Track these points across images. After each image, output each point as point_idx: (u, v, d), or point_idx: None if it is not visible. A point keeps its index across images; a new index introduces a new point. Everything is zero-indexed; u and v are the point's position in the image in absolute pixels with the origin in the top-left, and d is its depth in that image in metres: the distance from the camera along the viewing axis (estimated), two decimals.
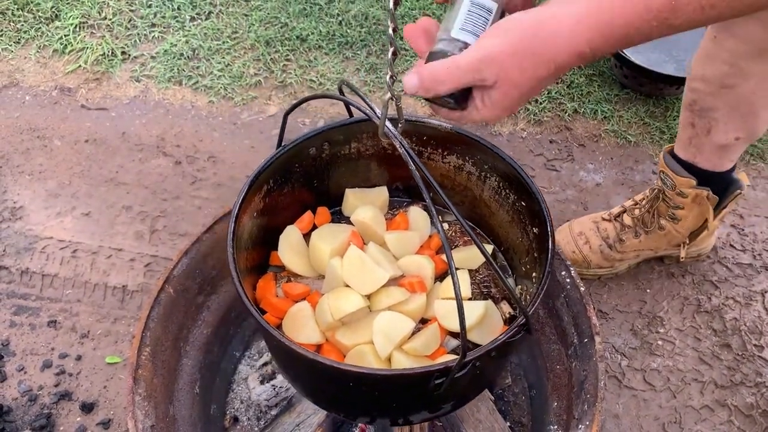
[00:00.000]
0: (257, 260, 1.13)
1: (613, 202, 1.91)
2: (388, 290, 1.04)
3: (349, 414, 1.09)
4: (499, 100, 0.78)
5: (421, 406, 0.98)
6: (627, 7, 0.69)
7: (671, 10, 0.68)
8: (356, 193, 1.21)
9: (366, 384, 0.89)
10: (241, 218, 1.02)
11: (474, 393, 1.08)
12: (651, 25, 0.69)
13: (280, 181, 1.12)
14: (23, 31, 2.31)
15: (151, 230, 1.83)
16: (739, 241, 1.83)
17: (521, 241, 1.10)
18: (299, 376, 1.05)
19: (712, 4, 0.67)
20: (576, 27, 0.72)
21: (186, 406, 1.32)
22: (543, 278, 0.92)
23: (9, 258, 1.76)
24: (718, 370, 1.60)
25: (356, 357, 1.00)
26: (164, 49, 2.25)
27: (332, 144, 1.15)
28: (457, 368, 0.81)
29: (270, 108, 2.12)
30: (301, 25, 2.32)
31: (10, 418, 1.49)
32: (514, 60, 0.74)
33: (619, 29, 0.70)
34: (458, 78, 0.76)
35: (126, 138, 2.04)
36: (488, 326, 1.04)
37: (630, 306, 1.70)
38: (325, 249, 1.09)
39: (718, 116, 1.39)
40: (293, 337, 1.03)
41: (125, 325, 1.65)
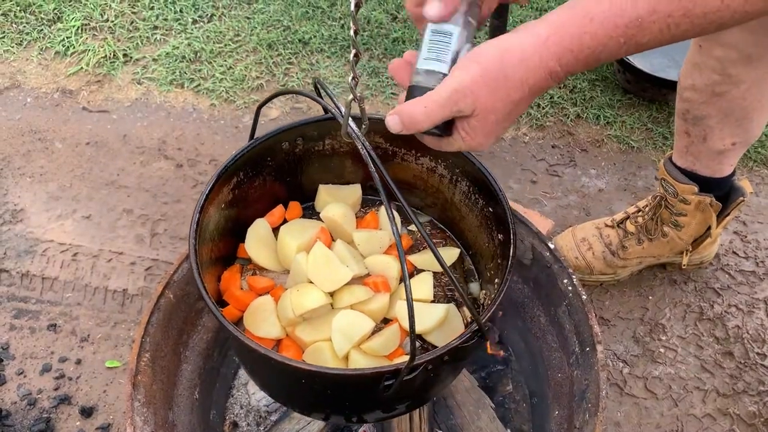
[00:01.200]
0: (224, 251, 1.13)
1: (616, 207, 1.90)
2: (352, 288, 1.04)
3: (304, 410, 1.10)
4: (480, 127, 0.81)
5: (373, 406, 0.99)
6: (595, 25, 0.71)
7: (638, 27, 0.70)
8: (329, 189, 1.21)
9: (317, 382, 0.89)
10: (207, 209, 1.02)
11: (430, 394, 1.08)
12: (619, 42, 0.71)
13: (250, 174, 1.11)
14: (25, 32, 2.31)
15: (151, 234, 1.82)
16: (742, 248, 1.82)
17: (488, 247, 1.10)
18: (255, 370, 1.06)
19: (676, 23, 0.69)
20: (543, 47, 0.74)
21: (185, 412, 1.31)
22: (501, 285, 0.92)
23: (9, 261, 1.75)
24: (720, 378, 1.59)
25: (314, 354, 1.00)
26: (166, 52, 2.25)
27: (306, 139, 1.15)
28: (406, 371, 0.81)
29: (272, 111, 2.12)
30: (304, 29, 2.32)
31: (9, 422, 1.49)
32: (486, 88, 0.77)
33: (587, 47, 0.72)
34: (436, 113, 0.79)
35: (127, 141, 2.04)
36: (448, 329, 1.04)
37: (632, 313, 1.69)
38: (292, 244, 1.09)
39: (712, 123, 1.39)
40: (253, 331, 1.03)
41: (125, 329, 1.64)
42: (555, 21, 0.75)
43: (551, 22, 0.75)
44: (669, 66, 2.11)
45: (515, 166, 2.00)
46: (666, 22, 0.69)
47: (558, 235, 1.75)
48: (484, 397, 1.38)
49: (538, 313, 1.39)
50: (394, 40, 2.29)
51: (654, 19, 0.69)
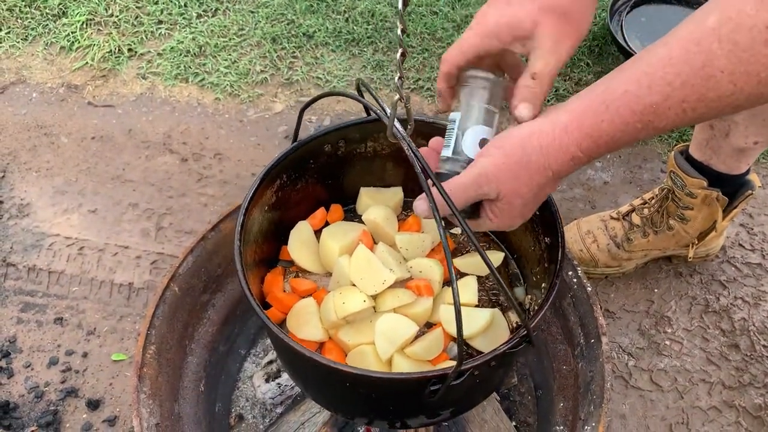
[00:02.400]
0: (267, 254, 1.13)
1: (621, 200, 1.90)
2: (394, 292, 1.03)
3: (347, 414, 1.09)
4: (507, 210, 0.83)
5: (418, 411, 0.98)
6: (611, 112, 0.73)
7: (653, 114, 0.71)
8: (370, 192, 1.21)
9: (362, 385, 0.89)
10: (251, 211, 1.02)
11: (474, 401, 1.07)
12: (636, 127, 0.72)
13: (293, 177, 1.12)
14: (30, 28, 2.32)
15: (157, 228, 1.83)
16: (748, 241, 1.81)
17: (533, 250, 1.09)
18: (299, 373, 1.05)
19: (692, 108, 0.69)
20: (563, 133, 0.76)
21: (191, 404, 1.32)
22: (549, 289, 0.91)
23: (16, 255, 1.76)
24: (726, 370, 1.59)
25: (357, 357, 0.99)
26: (171, 46, 2.25)
27: (348, 142, 1.15)
28: (453, 376, 0.80)
29: (276, 105, 2.12)
30: (308, 22, 2.31)
31: (17, 414, 1.50)
32: (509, 173, 0.79)
33: (606, 133, 0.74)
34: (461, 197, 0.82)
35: (132, 135, 2.04)
36: (493, 334, 1.03)
37: (637, 305, 1.69)
38: (334, 247, 1.09)
39: (738, 119, 1.37)
40: (296, 333, 1.03)
41: (131, 323, 1.65)
42: (574, 108, 0.76)
43: (571, 109, 0.77)
44: None
45: None
46: (681, 107, 0.69)
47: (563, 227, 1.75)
48: None
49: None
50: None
51: (669, 105, 0.70)
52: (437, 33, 2.28)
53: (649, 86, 0.70)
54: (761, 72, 0.64)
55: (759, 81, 0.65)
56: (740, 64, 0.65)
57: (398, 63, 0.80)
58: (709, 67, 0.66)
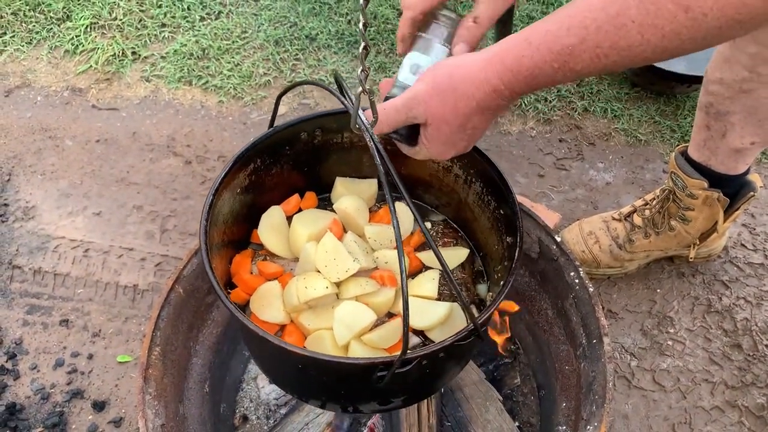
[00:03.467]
0: (237, 236, 1.14)
1: (624, 201, 1.90)
2: (358, 280, 1.05)
3: (302, 395, 1.11)
4: (436, 136, 0.89)
5: (369, 397, 1.00)
6: (532, 49, 0.78)
7: (569, 54, 0.75)
8: (345, 182, 1.22)
9: (312, 367, 0.91)
10: (221, 193, 1.03)
11: (427, 390, 1.08)
12: (553, 67, 0.77)
13: (268, 161, 1.13)
14: (35, 31, 2.33)
15: (161, 230, 1.84)
16: (750, 241, 1.82)
17: (497, 249, 1.11)
18: (257, 354, 1.08)
19: (605, 54, 0.73)
20: (486, 66, 0.82)
21: (196, 405, 1.33)
22: (503, 287, 0.93)
23: (22, 257, 1.78)
24: (729, 370, 1.59)
25: (315, 341, 1.01)
26: (174, 49, 2.26)
27: (325, 131, 1.16)
28: (398, 364, 0.82)
29: (280, 108, 2.13)
30: (311, 25, 2.32)
31: (23, 416, 1.51)
32: (436, 98, 0.85)
33: (525, 68, 0.79)
34: (394, 117, 0.89)
35: (136, 138, 2.06)
36: (451, 328, 1.05)
37: (640, 306, 1.70)
38: (303, 233, 1.10)
39: (734, 120, 1.38)
40: (259, 315, 1.05)
41: (136, 324, 1.66)
42: (502, 43, 0.82)
43: (499, 44, 0.83)
44: (677, 59, 2.10)
45: (522, 160, 2.01)
46: (595, 52, 0.74)
47: (565, 228, 1.76)
48: (492, 390, 1.39)
49: (545, 306, 1.40)
50: None
51: (584, 48, 0.74)
52: None
53: (568, 28, 0.74)
54: (665, 26, 0.68)
55: (663, 35, 0.69)
56: (648, 16, 0.68)
57: (361, 57, 0.82)
58: (622, 16, 0.70)
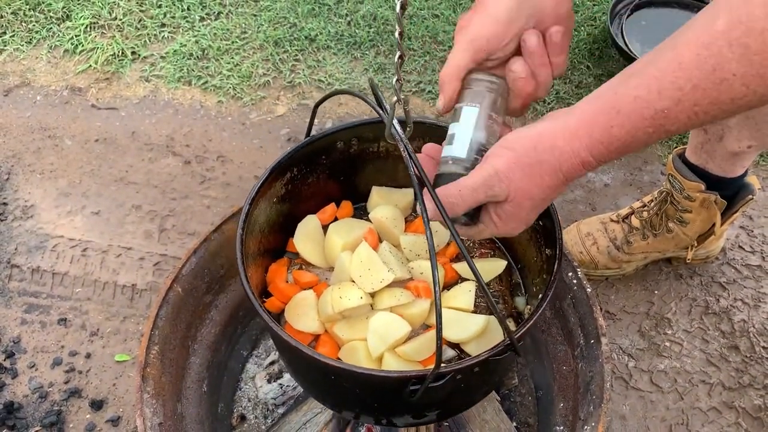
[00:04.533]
0: (273, 244, 1.14)
1: (621, 202, 1.91)
2: (393, 291, 1.04)
3: (335, 406, 1.10)
4: (514, 213, 0.82)
5: (403, 410, 0.98)
6: (622, 117, 0.72)
7: (665, 118, 0.70)
8: (381, 191, 1.21)
9: (344, 379, 0.90)
10: (258, 202, 1.03)
11: (462, 405, 1.07)
12: (647, 132, 0.72)
13: (304, 171, 1.13)
14: (35, 31, 2.33)
15: (160, 229, 1.84)
16: (748, 243, 1.82)
17: (535, 261, 1.09)
18: (290, 362, 1.07)
19: (705, 111, 0.69)
20: (574, 137, 0.75)
21: (194, 404, 1.33)
22: (541, 300, 0.91)
23: (20, 256, 1.78)
24: (726, 371, 1.60)
25: (349, 352, 1.01)
26: (174, 49, 2.27)
27: (361, 140, 1.16)
28: (431, 378, 0.81)
29: (278, 108, 2.13)
30: (310, 26, 2.33)
31: (21, 414, 1.51)
32: (520, 173, 0.78)
33: (617, 138, 0.73)
34: (471, 198, 0.80)
35: (136, 138, 2.06)
36: (487, 341, 1.03)
37: (637, 307, 1.70)
38: (338, 242, 1.10)
39: (731, 123, 1.38)
40: (293, 324, 1.04)
41: (134, 324, 1.66)
42: (584, 113, 0.76)
43: (580, 114, 0.76)
44: None
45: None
46: (693, 110, 0.69)
47: (563, 230, 1.76)
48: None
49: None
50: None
51: (680, 109, 0.69)
52: (438, 36, 2.29)
53: (659, 91, 0.69)
54: None
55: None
56: (752, 67, 0.65)
57: (396, 66, 0.80)
58: (720, 71, 0.66)
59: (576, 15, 2.36)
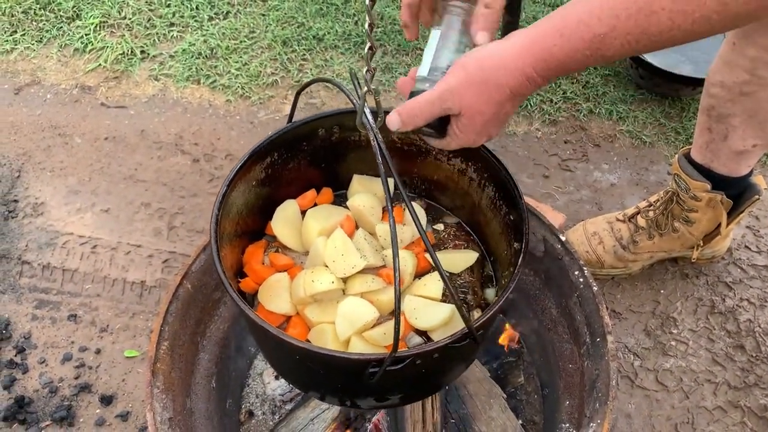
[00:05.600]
0: (252, 227, 1.16)
1: (628, 202, 1.91)
2: (365, 277, 1.06)
3: (302, 387, 1.12)
4: (469, 125, 0.91)
5: (365, 393, 1.00)
6: (563, 39, 0.80)
7: (601, 42, 0.78)
8: (363, 179, 1.23)
9: (308, 360, 0.92)
10: (236, 184, 1.05)
11: (426, 390, 1.09)
12: (585, 54, 0.80)
13: (285, 156, 1.14)
14: (45, 30, 2.35)
15: (169, 227, 1.86)
16: (754, 243, 1.83)
17: (506, 254, 1.11)
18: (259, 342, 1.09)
19: (636, 39, 0.77)
20: (517, 56, 0.84)
21: (203, 400, 1.34)
22: (503, 292, 0.93)
23: (31, 253, 1.79)
24: (732, 371, 1.60)
25: (318, 334, 1.03)
26: (183, 49, 2.28)
27: (343, 128, 1.17)
28: (389, 361, 0.83)
29: (286, 107, 2.15)
30: (318, 25, 2.34)
31: (32, 409, 1.52)
32: (469, 89, 0.87)
33: (556, 58, 0.82)
34: (428, 110, 0.90)
35: (145, 136, 2.07)
36: (453, 329, 1.03)
37: (643, 306, 1.70)
38: (315, 227, 1.12)
39: (735, 123, 1.39)
40: (266, 305, 1.06)
41: (143, 320, 1.68)
42: (531, 33, 0.84)
43: (528, 33, 0.84)
44: (682, 61, 2.12)
45: (528, 160, 2.02)
46: (626, 38, 0.77)
47: (570, 229, 1.77)
48: (496, 387, 1.40)
49: (549, 304, 1.41)
50: None
51: (615, 35, 0.77)
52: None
53: (600, 18, 0.77)
54: (695, 11, 0.72)
55: (693, 20, 0.73)
56: (678, 3, 0.72)
57: (366, 57, 0.87)
58: (652, 3, 0.73)
59: None
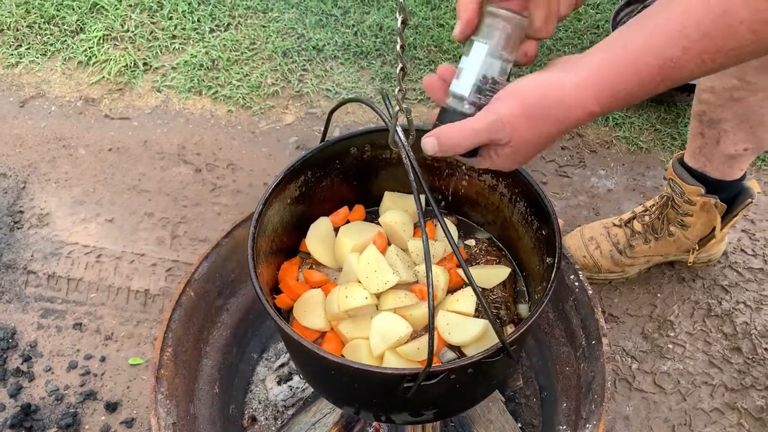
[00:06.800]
0: (287, 244, 1.18)
1: (625, 207, 1.93)
2: (397, 293, 1.07)
3: (336, 401, 1.14)
4: (511, 156, 0.84)
5: (400, 408, 1.01)
6: (631, 68, 0.73)
7: (672, 67, 0.71)
8: (393, 196, 1.25)
9: (343, 374, 0.93)
10: (271, 202, 1.07)
11: (460, 406, 1.09)
12: (656, 80, 0.73)
13: (318, 174, 1.17)
14: (49, 43, 2.39)
15: (172, 236, 1.88)
16: (750, 246, 1.85)
17: (538, 269, 1.11)
18: (295, 357, 1.10)
19: (712, 59, 0.70)
20: (579, 89, 0.76)
21: (206, 406, 1.36)
22: (536, 307, 0.94)
23: (37, 263, 1.82)
24: (728, 373, 1.62)
25: (352, 349, 1.04)
26: (185, 60, 2.32)
27: (374, 147, 1.19)
28: (423, 376, 0.83)
29: (287, 117, 2.18)
30: (318, 36, 2.37)
31: (38, 416, 1.55)
32: (525, 123, 0.80)
33: (624, 88, 0.75)
34: (472, 140, 0.82)
35: (148, 147, 2.11)
36: (487, 345, 1.04)
37: (641, 310, 1.72)
38: (348, 243, 1.13)
39: (727, 127, 1.42)
40: (300, 320, 1.08)
41: (147, 328, 1.70)
42: (593, 63, 0.77)
43: (588, 64, 0.77)
44: None
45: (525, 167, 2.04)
46: (701, 58, 0.70)
47: (567, 234, 1.79)
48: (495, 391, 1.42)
49: (546, 308, 1.42)
50: (405, 46, 2.34)
51: (688, 57, 0.70)
52: (443, 45, 2.33)
53: (668, 40, 0.70)
54: None
55: None
56: (759, 13, 0.65)
57: (399, 77, 0.83)
58: (728, 18, 0.66)
59: (579, 23, 2.39)
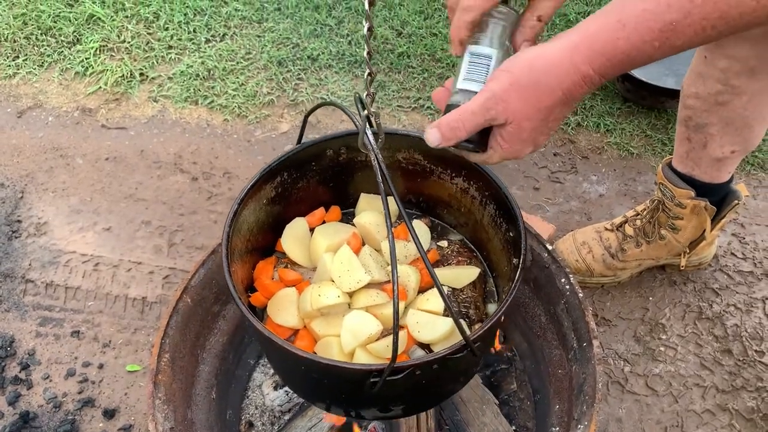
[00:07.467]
0: (263, 243, 1.20)
1: (616, 212, 1.96)
2: (369, 292, 1.10)
3: (308, 397, 1.16)
4: (516, 134, 0.83)
5: (368, 403, 1.04)
6: (628, 30, 0.72)
7: (672, 31, 0.70)
8: (369, 198, 1.28)
9: (312, 370, 0.95)
10: (247, 203, 1.10)
11: (426, 402, 1.12)
12: (653, 45, 0.72)
13: (294, 175, 1.19)
14: (46, 54, 2.41)
15: (169, 244, 1.90)
16: (740, 250, 1.87)
17: (506, 270, 1.14)
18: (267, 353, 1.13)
19: (712, 25, 0.68)
20: (574, 52, 0.76)
21: (203, 411, 1.38)
22: (498, 307, 0.96)
23: (34, 271, 1.84)
24: (720, 375, 1.64)
25: (324, 347, 1.06)
26: (181, 70, 2.34)
27: (350, 149, 1.21)
28: (388, 371, 0.86)
29: (282, 125, 2.20)
30: (312, 45, 2.40)
31: (36, 424, 1.56)
32: (516, 95, 0.79)
33: (621, 51, 0.73)
34: (471, 121, 0.82)
35: (144, 156, 2.13)
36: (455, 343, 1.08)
37: (633, 313, 1.75)
38: (323, 243, 1.16)
39: (713, 131, 1.44)
40: (274, 318, 1.10)
41: (145, 335, 1.72)
42: (586, 28, 0.76)
43: (582, 29, 0.76)
44: (666, 74, 2.17)
45: (518, 173, 2.07)
46: (701, 24, 0.68)
47: (559, 239, 1.81)
48: (488, 394, 1.44)
49: (538, 312, 1.45)
50: (399, 55, 2.37)
51: (689, 22, 0.68)
52: (437, 54, 2.36)
53: (669, 4, 0.68)
54: None
55: None
56: None
57: (366, 82, 0.85)
58: None
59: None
